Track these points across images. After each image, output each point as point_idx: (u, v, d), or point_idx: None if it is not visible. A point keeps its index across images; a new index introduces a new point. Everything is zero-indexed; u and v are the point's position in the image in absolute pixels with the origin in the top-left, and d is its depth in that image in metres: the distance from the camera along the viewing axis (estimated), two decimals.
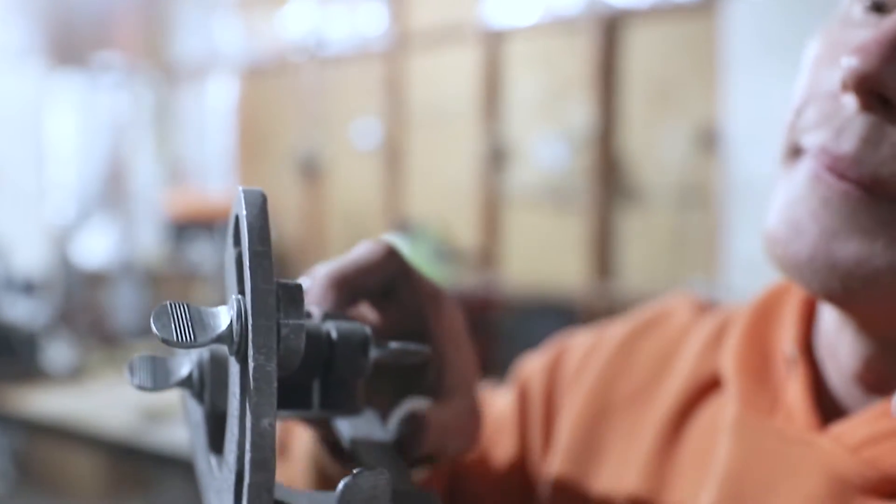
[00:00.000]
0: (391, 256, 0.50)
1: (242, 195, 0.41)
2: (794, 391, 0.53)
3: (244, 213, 0.40)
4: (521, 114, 5.10)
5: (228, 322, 0.39)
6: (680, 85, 4.57)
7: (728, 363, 0.58)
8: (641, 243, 4.71)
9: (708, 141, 4.41)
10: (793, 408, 0.53)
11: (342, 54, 5.86)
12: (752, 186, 4.30)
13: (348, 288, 0.48)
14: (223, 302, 0.42)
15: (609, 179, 4.78)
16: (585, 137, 4.78)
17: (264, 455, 0.35)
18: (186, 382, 0.46)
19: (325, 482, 0.53)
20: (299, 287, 0.41)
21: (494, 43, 5.16)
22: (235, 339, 0.38)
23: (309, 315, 0.45)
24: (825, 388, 0.54)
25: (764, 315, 0.59)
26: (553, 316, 4.37)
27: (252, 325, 0.37)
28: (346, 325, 0.45)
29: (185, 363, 0.46)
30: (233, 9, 6.47)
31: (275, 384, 0.36)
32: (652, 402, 0.61)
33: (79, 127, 6.76)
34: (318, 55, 5.96)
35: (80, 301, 5.94)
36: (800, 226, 0.47)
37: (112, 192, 6.93)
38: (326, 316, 0.47)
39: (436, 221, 4.88)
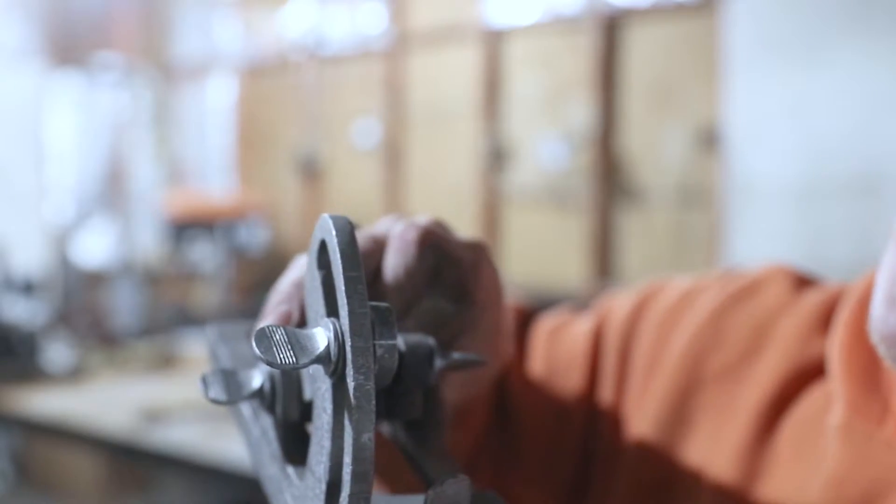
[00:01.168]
0: (428, 234, 0.53)
1: (331, 222, 0.43)
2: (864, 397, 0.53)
3: (335, 239, 0.42)
4: (521, 113, 5.09)
5: (326, 344, 0.42)
6: (681, 84, 4.57)
7: (835, 356, 0.55)
8: (642, 243, 4.70)
9: (709, 140, 4.40)
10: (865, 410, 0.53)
11: (342, 54, 5.85)
12: (753, 186, 4.28)
13: (431, 252, 0.51)
14: (222, 302, 0.43)
15: (609, 179, 4.78)
16: (586, 137, 4.77)
17: (365, 468, 0.39)
18: (258, 394, 0.49)
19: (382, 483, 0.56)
20: (390, 310, 0.44)
21: (494, 42, 5.15)
22: (333, 360, 0.41)
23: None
24: None
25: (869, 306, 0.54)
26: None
27: (351, 347, 0.40)
28: (414, 338, 0.48)
29: (257, 376, 0.49)
30: (232, 8, 6.46)
31: (374, 401, 0.39)
32: (747, 379, 0.59)
33: (78, 127, 6.75)
34: (317, 55, 5.95)
35: (80, 301, 5.94)
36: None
37: (111, 192, 6.92)
38: None
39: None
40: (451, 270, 0.53)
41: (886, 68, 3.96)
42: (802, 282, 0.64)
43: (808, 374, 0.57)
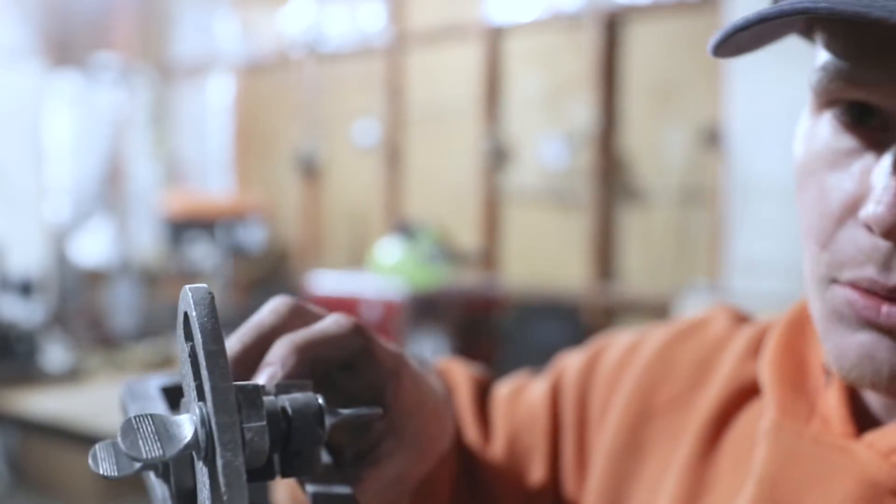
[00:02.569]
0: (357, 332, 0.52)
1: (189, 293, 0.42)
2: (832, 400, 0.57)
3: (193, 313, 0.41)
4: (521, 112, 5.07)
5: (192, 431, 0.41)
6: (682, 83, 4.55)
7: (765, 372, 0.61)
8: (643, 243, 4.68)
9: (710, 140, 4.38)
10: (829, 416, 0.56)
11: (341, 53, 5.83)
12: (754, 186, 4.27)
13: (311, 355, 0.51)
14: (221, 301, 0.41)
15: (610, 178, 4.76)
16: (586, 136, 4.75)
17: None
18: (152, 466, 0.47)
19: None
20: (257, 389, 0.44)
21: (494, 40, 5.14)
22: (202, 446, 0.41)
23: (264, 388, 0.46)
24: (859, 398, 0.57)
25: (799, 327, 0.62)
26: (554, 316, 4.34)
27: (216, 423, 0.39)
28: (300, 398, 0.47)
29: None
30: (231, 7, 6.44)
31: (244, 478, 0.39)
32: (692, 407, 0.64)
33: (76, 126, 6.73)
34: (316, 54, 5.93)
35: (78, 301, 5.92)
36: (876, 357, 0.51)
37: (110, 192, 6.90)
38: (279, 388, 0.48)
39: (435, 220, 4.85)
40: (371, 370, 0.53)
41: None
42: (740, 318, 0.70)
43: (744, 394, 0.63)
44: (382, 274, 4.28)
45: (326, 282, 4.46)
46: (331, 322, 0.52)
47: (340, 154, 5.85)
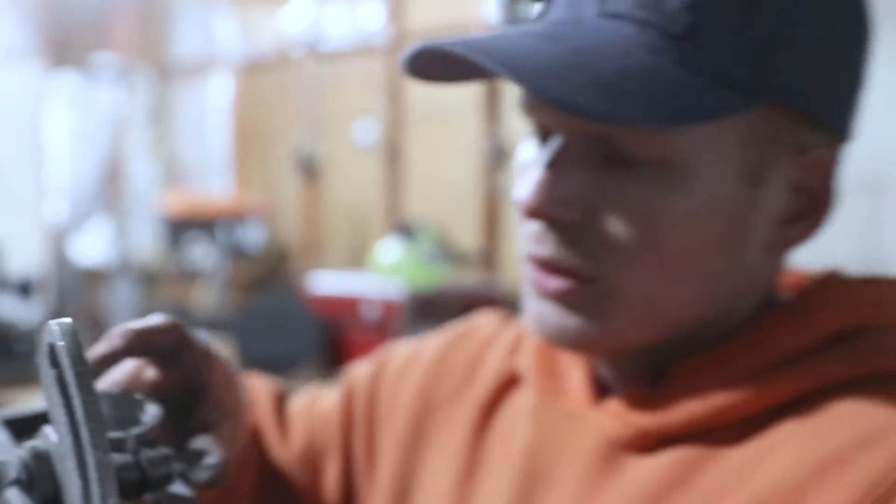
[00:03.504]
0: (175, 325, 0.62)
1: (56, 327, 0.49)
2: (575, 378, 0.69)
3: (61, 342, 0.48)
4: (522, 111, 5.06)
5: (17, 467, 0.50)
6: None
7: (525, 362, 0.73)
8: None
9: None
10: (574, 392, 0.69)
11: (341, 52, 5.82)
12: None
13: (138, 342, 0.60)
14: (220, 301, 0.43)
15: None
16: None
17: None
18: (18, 483, 0.51)
19: None
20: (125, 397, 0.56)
21: None
22: (25, 480, 0.50)
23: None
24: (597, 377, 0.69)
25: None
26: None
27: (88, 429, 0.45)
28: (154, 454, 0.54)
29: (12, 465, 0.51)
30: (230, 6, 6.43)
31: (114, 473, 0.45)
32: (466, 398, 0.76)
33: (76, 126, 6.72)
34: (316, 53, 5.92)
35: (78, 301, 5.91)
36: (547, 322, 0.63)
37: (109, 192, 6.89)
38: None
39: (435, 220, 4.84)
40: (189, 355, 0.62)
41: (891, 66, 3.94)
42: (505, 319, 0.81)
43: (509, 383, 0.75)
44: (382, 274, 4.27)
45: (326, 282, 4.45)
46: (154, 317, 0.62)
47: (340, 154, 5.84)
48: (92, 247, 6.77)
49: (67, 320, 0.50)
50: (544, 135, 0.65)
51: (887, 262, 3.99)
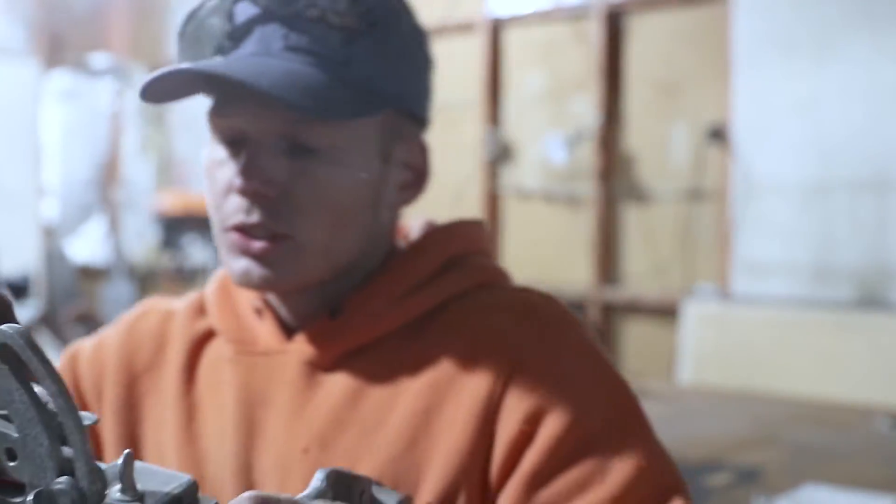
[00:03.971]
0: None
1: (7, 329, 0.52)
2: (268, 327, 0.90)
3: (21, 341, 0.51)
4: (523, 109, 5.02)
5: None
6: (687, 78, 4.50)
7: (216, 320, 0.93)
8: (646, 242, 4.63)
9: (716, 137, 4.33)
10: (269, 337, 0.89)
11: None
12: (760, 185, 4.22)
13: None
14: None
15: (614, 176, 4.71)
16: (589, 133, 4.70)
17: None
18: None
19: None
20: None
21: (496, 36, 5.08)
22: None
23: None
24: (282, 322, 0.90)
25: (225, 287, 0.96)
26: None
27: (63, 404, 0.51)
28: None
29: None
30: None
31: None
32: (165, 362, 0.94)
33: (71, 125, 6.67)
34: None
35: (73, 300, 5.86)
36: (252, 274, 0.84)
37: (105, 191, 6.85)
38: None
39: (435, 217, 4.79)
40: None
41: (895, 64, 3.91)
42: (171, 298, 1.01)
43: (201, 341, 0.94)
44: None
45: None
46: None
47: None
48: (87, 246, 6.73)
49: (17, 325, 0.52)
50: (231, 139, 0.86)
51: (894, 259, 3.95)
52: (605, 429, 0.79)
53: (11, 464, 0.52)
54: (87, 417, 0.54)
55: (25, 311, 5.14)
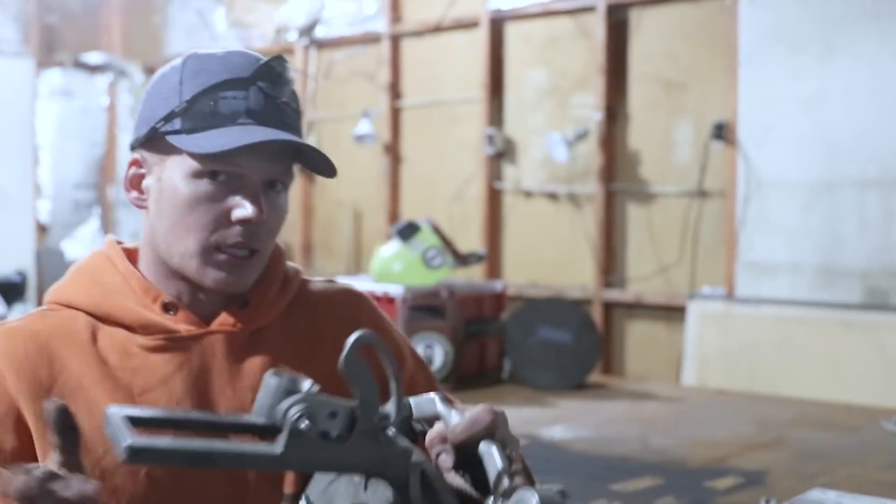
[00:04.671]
0: None
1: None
2: (184, 318, 1.10)
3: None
4: (525, 106, 4.97)
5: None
6: (691, 75, 4.45)
7: (126, 319, 1.10)
8: (649, 239, 4.59)
9: (720, 134, 4.29)
10: (189, 325, 1.09)
11: (339, 44, 5.73)
12: (765, 183, 4.17)
13: None
14: None
15: (616, 175, 4.66)
16: (592, 131, 4.65)
17: None
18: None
19: None
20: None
21: (498, 30, 5.03)
22: None
23: None
24: (198, 315, 1.11)
25: (114, 294, 1.13)
26: (558, 314, 4.25)
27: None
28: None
29: None
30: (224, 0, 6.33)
31: None
32: (67, 366, 1.07)
33: (66, 124, 6.64)
34: (314, 46, 5.83)
35: None
36: (228, 281, 1.08)
37: (101, 189, 6.82)
38: None
39: (436, 219, 4.74)
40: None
41: None
42: (44, 316, 1.17)
43: (91, 337, 1.09)
44: (382, 273, 4.18)
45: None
46: None
47: (339, 151, 5.74)
48: (83, 245, 6.70)
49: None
50: (215, 175, 1.07)
51: None
52: (409, 350, 1.25)
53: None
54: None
55: (23, 309, 5.09)
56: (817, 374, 3.91)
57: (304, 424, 0.75)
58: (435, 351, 3.97)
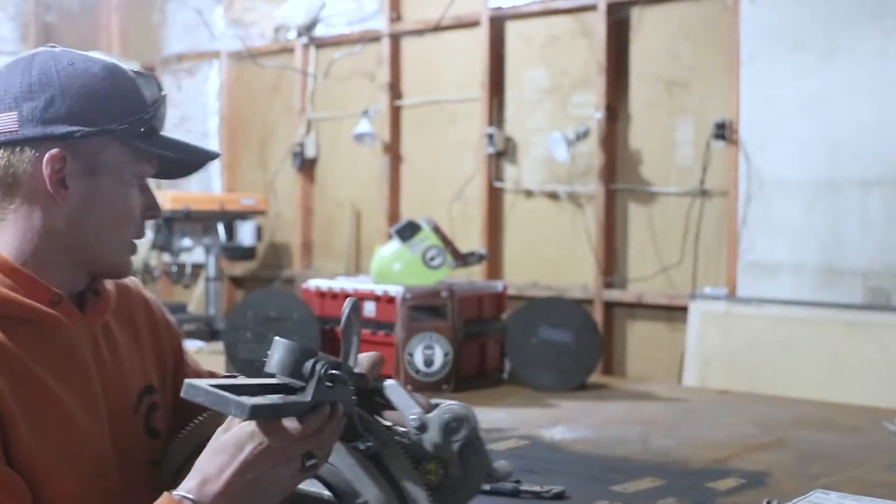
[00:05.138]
0: None
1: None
2: (67, 308, 1.18)
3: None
4: (525, 105, 4.96)
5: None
6: (693, 74, 4.43)
7: (30, 315, 1.15)
8: (651, 240, 4.57)
9: (722, 134, 4.27)
10: (74, 314, 1.19)
11: (338, 43, 5.71)
12: (766, 183, 4.16)
13: None
14: (216, 298, 0.32)
15: (617, 174, 4.65)
16: (592, 130, 4.64)
17: None
18: None
19: None
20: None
21: (498, 29, 5.02)
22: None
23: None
24: (73, 304, 1.22)
25: (13, 294, 1.16)
26: (558, 314, 4.23)
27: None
28: None
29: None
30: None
31: None
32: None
33: None
34: (313, 45, 5.81)
35: None
36: (133, 265, 1.30)
37: None
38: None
39: (436, 216, 4.72)
40: None
41: None
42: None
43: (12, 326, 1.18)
44: (381, 273, 4.16)
45: (324, 280, 4.34)
46: None
47: (338, 147, 5.73)
48: None
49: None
50: (144, 181, 1.23)
51: None
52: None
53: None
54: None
55: None
56: (819, 374, 3.89)
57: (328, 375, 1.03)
58: (435, 351, 3.95)
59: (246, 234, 5.71)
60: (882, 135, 3.90)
